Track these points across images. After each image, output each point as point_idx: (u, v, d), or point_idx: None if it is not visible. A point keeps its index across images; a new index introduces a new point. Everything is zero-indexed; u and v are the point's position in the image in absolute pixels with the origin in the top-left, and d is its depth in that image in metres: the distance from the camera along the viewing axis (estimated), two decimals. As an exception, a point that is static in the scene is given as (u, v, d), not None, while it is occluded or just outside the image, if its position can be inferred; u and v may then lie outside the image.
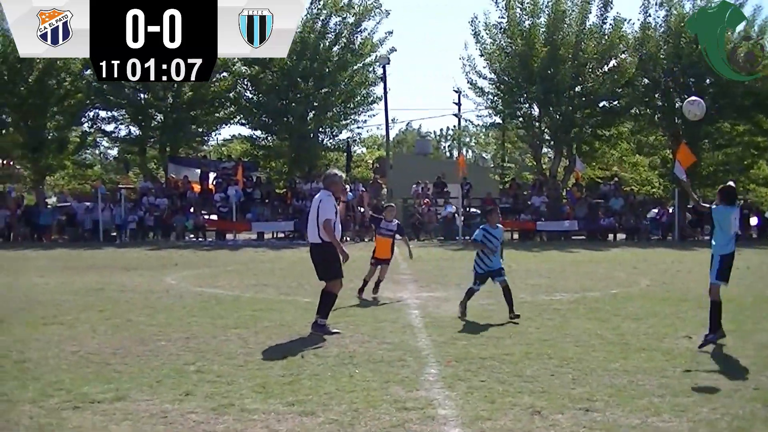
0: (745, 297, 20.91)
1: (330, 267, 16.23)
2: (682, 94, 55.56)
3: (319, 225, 15.89)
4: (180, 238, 51.54)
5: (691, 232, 53.89)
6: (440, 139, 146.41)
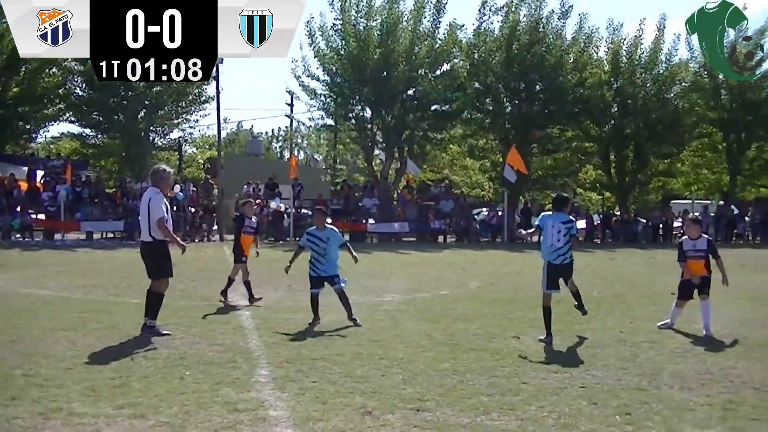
0: (571, 299, 21.38)
1: (159, 266, 16.17)
2: (513, 100, 56.68)
3: (151, 224, 15.81)
4: (6, 237, 50.32)
5: (520, 235, 54.89)
6: (272, 139, 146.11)
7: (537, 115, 56.13)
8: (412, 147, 57.49)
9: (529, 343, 14.77)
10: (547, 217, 15.88)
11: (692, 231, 17.43)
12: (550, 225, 15.58)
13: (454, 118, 57.40)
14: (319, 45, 54.97)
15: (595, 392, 11.14)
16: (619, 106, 58.68)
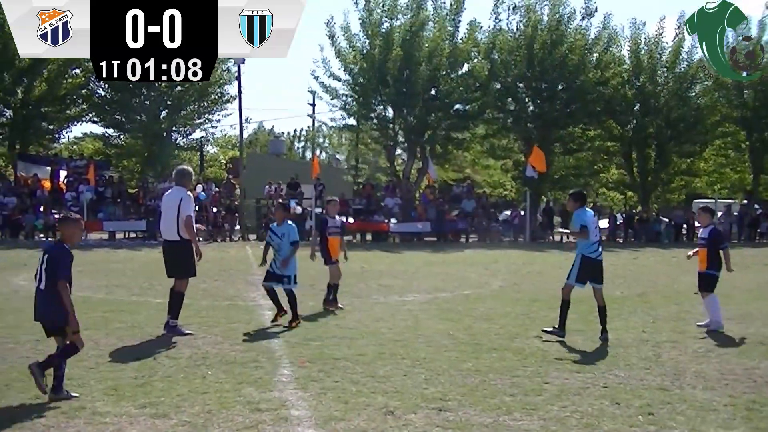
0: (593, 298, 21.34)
1: (185, 265, 16.32)
2: (535, 99, 56.56)
3: (180, 222, 15.99)
4: (29, 237, 50.55)
5: (542, 234, 54.81)
6: (294, 139, 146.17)
7: (559, 114, 56.00)
8: (433, 147, 57.46)
9: (551, 343, 14.74)
10: (586, 213, 15.80)
11: (702, 219, 17.91)
12: (591, 221, 15.55)
13: (475, 117, 57.30)
14: (341, 45, 54.99)
15: (617, 392, 11.11)
16: (641, 105, 58.50)
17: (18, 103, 57.72)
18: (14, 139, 59.73)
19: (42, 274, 11.22)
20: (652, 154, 59.19)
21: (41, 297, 11.24)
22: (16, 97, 57.64)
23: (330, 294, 19.52)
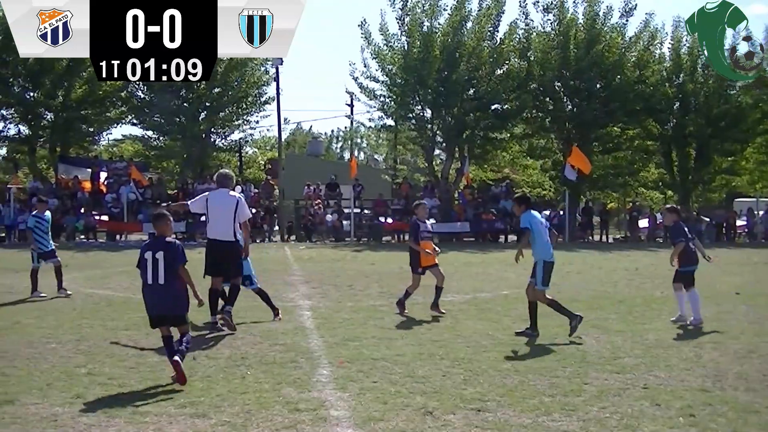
0: (634, 298, 21.28)
1: (238, 264, 17.02)
2: (573, 99, 56.35)
3: (238, 223, 16.72)
4: (70, 238, 50.85)
5: (581, 234, 54.64)
6: (332, 140, 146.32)
7: (597, 113, 55.71)
8: (472, 147, 57.37)
9: (591, 343, 14.68)
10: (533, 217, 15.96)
11: (667, 218, 18.93)
12: (539, 224, 15.62)
13: (513, 117, 57.14)
14: (378, 46, 54.97)
15: (657, 393, 11.05)
16: (680, 103, 58.14)
17: (58, 106, 58.11)
18: (55, 142, 60.17)
19: (159, 271, 11.75)
20: (692, 153, 58.79)
21: (162, 292, 11.79)
22: (56, 100, 58.01)
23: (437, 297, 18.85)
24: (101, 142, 73.65)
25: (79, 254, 39.43)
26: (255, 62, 58.87)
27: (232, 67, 57.09)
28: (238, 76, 58.18)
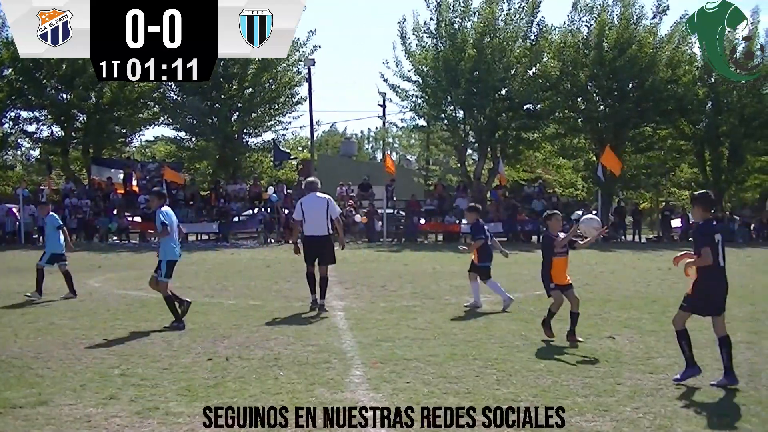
0: (667, 298, 21.19)
1: (330, 253, 19.91)
2: (606, 99, 56.18)
3: (331, 220, 19.83)
4: (103, 240, 51.11)
5: (614, 234, 54.46)
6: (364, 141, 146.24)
7: (630, 113, 55.47)
8: (504, 147, 57.31)
9: (624, 343, 14.63)
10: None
11: (469, 218, 21.02)
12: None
13: (546, 117, 57.05)
14: (412, 46, 55.02)
15: (691, 393, 11.00)
16: (713, 102, 57.86)
17: (91, 108, 58.42)
18: (88, 143, 60.54)
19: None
20: (725, 153, 58.48)
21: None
22: (89, 102, 58.31)
23: (573, 325, 15.86)
24: (134, 144, 74.07)
25: (111, 255, 39.63)
26: (287, 63, 59.04)
27: (264, 68, 57.21)
28: (270, 77, 58.29)
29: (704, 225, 11.86)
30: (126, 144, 68.85)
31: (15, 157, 68.73)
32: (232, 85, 57.39)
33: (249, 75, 57.13)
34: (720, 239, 11.72)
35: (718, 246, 11.70)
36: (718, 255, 11.71)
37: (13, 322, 17.49)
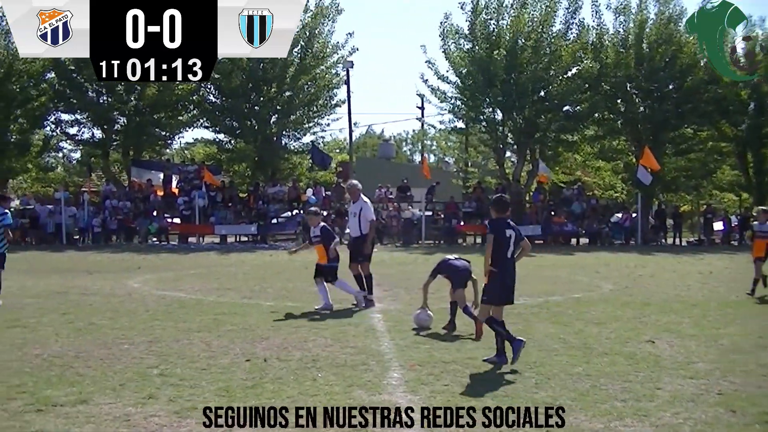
0: (708, 301, 21.07)
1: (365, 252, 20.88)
2: (645, 100, 55.89)
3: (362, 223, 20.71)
4: (143, 241, 51.40)
5: (654, 237, 54.22)
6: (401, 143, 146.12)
7: (669, 115, 55.15)
8: (543, 148, 57.17)
9: (663, 348, 14.53)
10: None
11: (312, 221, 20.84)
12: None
13: (585, 119, 56.86)
14: (450, 47, 54.97)
15: (733, 399, 10.88)
16: (756, 104, 57.34)
17: (131, 110, 58.75)
18: (128, 146, 60.88)
19: None
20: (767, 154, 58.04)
21: None
22: (129, 105, 58.65)
23: None
24: (173, 146, 74.42)
25: (151, 256, 39.81)
26: (326, 65, 59.13)
27: (303, 71, 57.30)
28: (309, 79, 58.38)
29: (496, 221, 13.71)
30: (165, 146, 69.21)
31: (56, 160, 69.09)
32: (271, 87, 57.50)
33: (288, 77, 57.22)
34: (512, 236, 13.46)
35: (509, 241, 13.40)
36: (508, 249, 13.44)
37: (54, 321, 17.59)
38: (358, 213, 20.86)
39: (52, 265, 33.84)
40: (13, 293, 22.72)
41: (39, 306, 20.16)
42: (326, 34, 58.59)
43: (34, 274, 29.42)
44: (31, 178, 66.19)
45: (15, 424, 9.62)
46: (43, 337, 15.58)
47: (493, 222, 13.82)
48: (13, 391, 11.12)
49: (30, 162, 60.16)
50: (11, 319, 17.83)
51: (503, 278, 13.47)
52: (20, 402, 10.55)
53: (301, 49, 57.72)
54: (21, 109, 57.56)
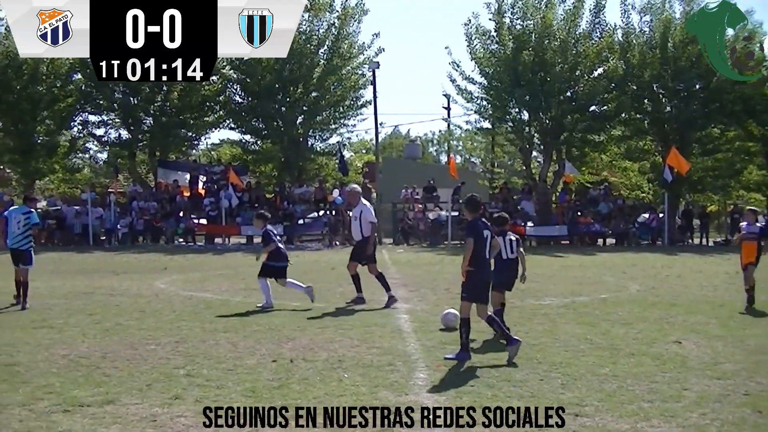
0: (735, 302, 20.98)
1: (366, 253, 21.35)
2: (672, 100, 55.64)
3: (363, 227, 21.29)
4: (169, 242, 51.52)
5: (681, 237, 54.02)
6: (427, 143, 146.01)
7: (696, 114, 54.86)
8: (570, 149, 57.04)
9: (690, 348, 14.48)
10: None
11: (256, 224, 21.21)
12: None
13: (612, 119, 56.66)
14: (476, 47, 54.90)
15: (760, 400, 10.84)
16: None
17: (157, 111, 58.89)
18: (154, 146, 60.99)
19: None
20: (796, 154, 57.72)
21: None
22: (155, 105, 58.80)
23: None
24: (200, 146, 74.54)
25: (177, 257, 39.90)
26: (352, 66, 59.14)
27: (329, 72, 57.32)
28: (335, 80, 58.39)
29: (474, 222, 13.91)
30: (192, 147, 69.34)
31: (83, 161, 69.26)
32: (297, 88, 57.54)
33: (314, 78, 57.24)
34: (488, 236, 13.79)
35: (486, 241, 13.67)
36: (485, 248, 13.69)
37: (81, 322, 17.67)
38: (359, 216, 21.47)
39: (79, 266, 33.97)
40: (40, 294, 22.85)
41: (66, 307, 20.27)
42: (352, 35, 58.61)
43: (61, 275, 29.56)
44: (58, 179, 66.23)
45: (42, 424, 9.68)
46: (70, 337, 15.67)
47: (471, 223, 14.01)
48: (40, 391, 11.19)
49: (57, 163, 60.29)
50: (39, 320, 17.94)
51: (482, 276, 13.71)
52: (47, 402, 10.61)
53: (327, 50, 57.77)
54: (48, 110, 57.72)
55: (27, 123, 56.88)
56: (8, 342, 15.08)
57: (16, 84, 55.67)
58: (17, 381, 11.86)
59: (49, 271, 30.39)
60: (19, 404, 10.54)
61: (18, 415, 10.08)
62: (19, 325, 17.16)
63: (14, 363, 13.12)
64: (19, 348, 14.45)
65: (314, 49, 57.23)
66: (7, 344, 14.83)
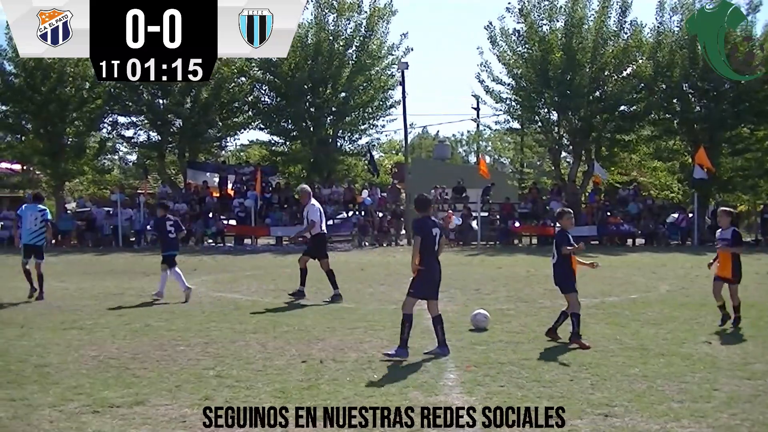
0: (764, 302, 20.87)
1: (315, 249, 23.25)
2: (701, 100, 55.37)
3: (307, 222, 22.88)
4: (199, 243, 51.61)
5: (711, 237, 53.74)
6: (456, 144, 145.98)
7: (725, 114, 54.54)
8: (599, 149, 56.89)
9: (720, 349, 14.42)
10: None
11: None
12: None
13: (641, 119, 56.48)
14: (503, 49, 54.85)
15: (791, 400, 10.81)
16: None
17: (186, 112, 59.00)
18: (183, 148, 61.12)
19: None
20: (826, 154, 57.29)
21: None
22: (184, 107, 58.92)
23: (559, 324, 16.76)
24: (228, 148, 74.69)
25: (207, 258, 40.02)
26: (381, 66, 59.17)
27: (358, 72, 57.37)
28: (364, 80, 58.42)
29: (423, 221, 14.24)
30: (221, 148, 69.47)
31: (113, 162, 69.50)
32: (326, 89, 57.61)
33: (343, 79, 57.30)
34: (437, 234, 14.13)
35: (436, 239, 14.07)
36: (434, 246, 14.08)
37: (110, 323, 17.74)
38: (306, 215, 22.88)
39: (109, 267, 34.08)
40: (70, 295, 22.96)
41: (96, 308, 20.35)
42: (381, 35, 58.62)
43: (90, 276, 29.66)
44: (87, 181, 66.43)
45: (72, 425, 9.72)
46: (99, 338, 15.73)
47: (419, 221, 14.27)
48: (70, 392, 11.24)
49: (86, 164, 60.43)
50: (68, 321, 18.01)
51: (432, 274, 14.08)
52: (77, 403, 10.66)
53: (356, 51, 57.82)
54: (77, 111, 57.90)
55: (56, 125, 57.07)
56: (38, 343, 15.16)
57: (42, 86, 55.89)
58: (47, 382, 11.91)
59: (79, 273, 30.53)
60: (49, 405, 10.59)
61: (48, 416, 10.12)
62: (49, 327, 17.24)
63: (44, 364, 13.17)
64: (49, 349, 14.51)
65: (342, 49, 57.29)
66: (37, 345, 14.91)
